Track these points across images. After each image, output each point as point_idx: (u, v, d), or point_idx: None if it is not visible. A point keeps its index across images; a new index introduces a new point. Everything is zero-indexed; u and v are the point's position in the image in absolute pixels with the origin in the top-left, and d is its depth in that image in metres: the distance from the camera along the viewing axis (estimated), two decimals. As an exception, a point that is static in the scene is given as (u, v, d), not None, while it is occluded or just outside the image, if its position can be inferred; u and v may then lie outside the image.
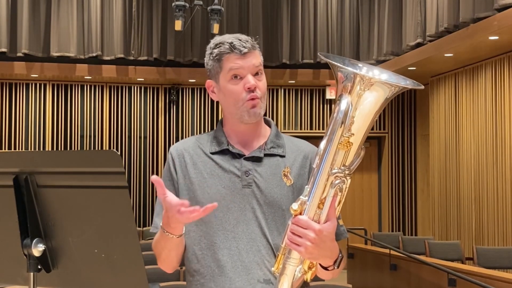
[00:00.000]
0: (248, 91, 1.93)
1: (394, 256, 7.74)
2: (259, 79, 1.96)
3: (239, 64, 1.94)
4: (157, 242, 1.93)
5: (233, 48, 1.94)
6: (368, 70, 1.69)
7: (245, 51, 1.93)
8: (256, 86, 1.94)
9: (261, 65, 1.98)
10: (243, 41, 1.95)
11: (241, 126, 1.99)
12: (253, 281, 1.90)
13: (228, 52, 1.95)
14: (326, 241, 1.68)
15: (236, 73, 1.94)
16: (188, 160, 1.99)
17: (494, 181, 8.21)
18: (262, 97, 1.95)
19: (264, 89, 1.97)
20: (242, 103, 1.94)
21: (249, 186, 1.94)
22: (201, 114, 11.39)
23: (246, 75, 1.94)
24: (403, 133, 11.55)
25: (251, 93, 1.93)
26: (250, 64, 1.94)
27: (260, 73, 1.97)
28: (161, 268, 2.01)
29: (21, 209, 1.61)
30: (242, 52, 1.93)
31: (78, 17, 10.36)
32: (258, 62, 1.96)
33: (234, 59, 1.94)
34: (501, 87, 8.13)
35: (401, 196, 11.50)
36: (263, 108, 1.96)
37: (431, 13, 8.50)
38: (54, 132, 10.98)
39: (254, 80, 1.94)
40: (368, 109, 1.66)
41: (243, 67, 1.94)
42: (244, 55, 1.94)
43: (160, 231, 1.87)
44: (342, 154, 1.66)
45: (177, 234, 1.84)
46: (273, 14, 10.89)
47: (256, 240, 1.92)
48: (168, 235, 1.84)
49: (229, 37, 1.97)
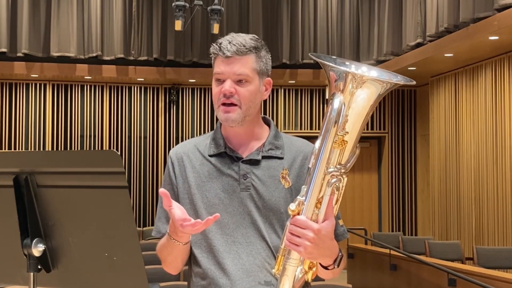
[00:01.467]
0: (224, 96, 1.92)
1: (394, 256, 7.74)
2: (243, 85, 1.92)
3: (220, 69, 1.92)
4: (164, 248, 1.93)
5: (219, 50, 1.92)
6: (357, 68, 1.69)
7: (228, 54, 1.90)
8: (231, 92, 1.90)
9: (247, 74, 1.92)
10: (232, 43, 1.91)
11: (230, 128, 1.97)
12: (254, 283, 1.90)
13: (216, 52, 1.94)
14: (325, 240, 1.68)
15: (218, 77, 1.94)
16: (187, 164, 1.98)
17: (494, 181, 8.21)
18: (242, 105, 1.91)
19: (246, 96, 1.92)
20: (217, 106, 1.94)
21: (247, 189, 1.93)
22: (201, 114, 11.39)
23: (226, 79, 1.92)
24: (403, 133, 11.55)
25: (224, 98, 1.91)
26: (231, 71, 1.91)
27: (244, 81, 1.92)
28: (166, 271, 2.02)
29: (21, 209, 1.61)
30: (225, 55, 1.91)
31: (78, 17, 10.35)
32: (242, 69, 1.91)
33: (219, 62, 1.93)
34: (501, 87, 8.13)
35: (401, 196, 11.50)
36: (239, 115, 1.91)
37: (431, 13, 8.50)
38: (54, 132, 10.98)
39: (233, 86, 1.91)
40: (361, 106, 1.66)
41: (224, 73, 1.92)
42: (227, 59, 1.91)
43: (167, 238, 1.88)
44: (337, 152, 1.67)
45: (184, 241, 1.85)
46: (273, 14, 10.89)
47: (256, 243, 1.91)
48: (175, 242, 1.85)
49: (226, 37, 1.95)
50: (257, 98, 1.95)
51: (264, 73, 1.97)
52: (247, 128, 1.97)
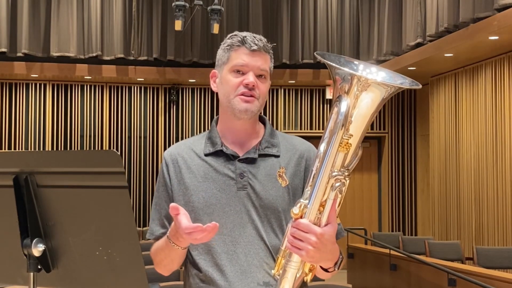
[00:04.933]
0: (245, 87, 1.91)
1: (394, 256, 7.74)
2: (262, 81, 1.93)
3: (244, 61, 1.92)
4: (160, 250, 1.92)
5: (244, 42, 1.92)
6: (365, 69, 1.68)
7: (254, 47, 1.91)
8: (255, 85, 1.91)
9: (267, 71, 1.94)
10: (257, 38, 1.93)
11: (234, 122, 1.96)
12: (252, 284, 1.89)
13: (238, 45, 1.93)
14: (328, 244, 1.67)
15: (239, 69, 1.92)
16: (182, 165, 1.97)
17: (494, 181, 8.20)
18: (259, 98, 1.93)
19: (264, 92, 1.94)
20: (234, 96, 1.92)
21: (244, 188, 1.92)
22: (201, 114, 11.39)
23: (248, 72, 1.92)
24: (403, 133, 11.55)
25: (246, 90, 1.91)
26: (255, 64, 1.92)
27: (264, 77, 1.94)
28: (158, 272, 2.00)
29: (21, 209, 1.61)
30: (251, 48, 1.91)
31: (78, 17, 10.35)
32: (264, 65, 1.93)
33: (241, 54, 1.92)
34: (501, 87, 8.13)
35: (401, 196, 11.50)
36: (257, 108, 1.93)
37: (431, 13, 8.50)
38: (54, 132, 10.98)
39: (255, 79, 1.92)
40: (365, 109, 1.65)
41: (248, 65, 1.92)
42: (252, 52, 1.91)
43: (165, 241, 1.87)
44: (341, 156, 1.66)
45: (183, 246, 1.85)
46: (273, 14, 10.89)
47: (254, 243, 1.91)
48: (174, 246, 1.84)
49: (245, 33, 1.96)
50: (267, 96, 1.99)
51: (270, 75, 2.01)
52: (250, 124, 1.97)
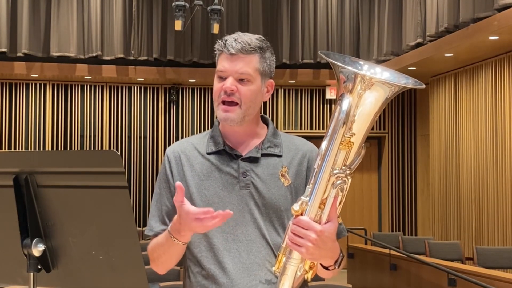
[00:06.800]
0: (224, 93, 1.90)
1: (394, 256, 7.74)
2: (244, 85, 1.91)
3: (223, 66, 1.91)
4: (159, 246, 1.91)
5: (224, 47, 1.91)
6: (369, 68, 1.68)
7: (232, 51, 1.89)
8: (232, 90, 1.89)
9: (249, 74, 1.90)
10: (238, 41, 1.90)
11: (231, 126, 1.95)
12: (254, 282, 1.89)
13: (220, 49, 1.93)
14: (327, 242, 1.68)
15: (220, 75, 1.93)
16: (185, 162, 1.96)
17: (494, 181, 8.20)
18: (242, 104, 1.90)
19: (247, 95, 1.90)
20: (217, 104, 1.93)
21: (246, 187, 1.92)
22: (201, 114, 11.39)
23: (228, 77, 1.91)
24: (403, 133, 11.55)
25: (225, 95, 1.90)
26: (234, 69, 1.90)
27: (246, 80, 1.91)
28: (154, 270, 1.98)
29: (21, 209, 1.61)
30: (229, 52, 1.90)
31: (78, 17, 10.36)
32: (245, 68, 1.90)
33: (223, 59, 1.92)
34: (501, 87, 8.13)
35: (401, 196, 11.50)
36: (238, 115, 1.90)
37: (431, 13, 8.50)
38: (54, 132, 10.98)
39: (234, 84, 1.89)
40: (369, 108, 1.65)
41: (226, 70, 1.91)
42: (231, 56, 1.90)
43: (166, 236, 1.86)
44: (343, 154, 1.66)
45: (185, 241, 1.84)
46: (273, 14, 10.89)
47: (256, 241, 1.91)
48: (175, 241, 1.83)
49: (233, 35, 1.94)
50: (258, 99, 1.95)
51: (267, 74, 1.96)
52: (246, 127, 1.96)
